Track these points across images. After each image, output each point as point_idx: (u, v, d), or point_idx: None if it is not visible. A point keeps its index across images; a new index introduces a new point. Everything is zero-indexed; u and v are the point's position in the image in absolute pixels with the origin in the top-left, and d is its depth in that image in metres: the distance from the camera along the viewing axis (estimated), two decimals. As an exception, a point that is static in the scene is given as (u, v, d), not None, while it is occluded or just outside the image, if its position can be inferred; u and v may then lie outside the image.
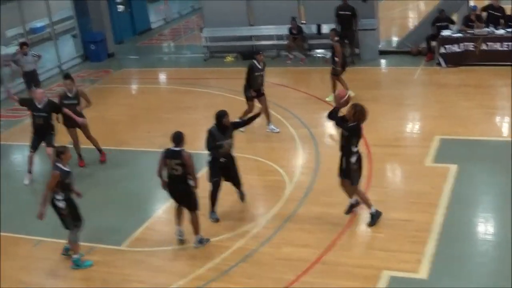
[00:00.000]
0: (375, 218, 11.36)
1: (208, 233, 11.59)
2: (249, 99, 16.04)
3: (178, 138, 10.94)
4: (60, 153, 10.88)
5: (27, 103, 14.91)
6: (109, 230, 12.23)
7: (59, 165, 10.76)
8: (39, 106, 14.45)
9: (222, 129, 11.81)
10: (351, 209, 11.78)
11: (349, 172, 11.24)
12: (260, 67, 15.96)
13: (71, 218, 10.95)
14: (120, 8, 28.64)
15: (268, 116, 16.14)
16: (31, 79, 19.83)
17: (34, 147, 14.85)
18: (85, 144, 15.51)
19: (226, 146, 11.87)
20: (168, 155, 10.96)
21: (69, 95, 15.03)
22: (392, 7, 29.39)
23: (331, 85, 17.44)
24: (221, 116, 11.82)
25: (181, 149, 10.90)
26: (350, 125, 10.96)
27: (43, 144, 14.77)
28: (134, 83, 23.13)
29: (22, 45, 19.92)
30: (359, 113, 10.91)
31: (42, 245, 12.04)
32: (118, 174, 14.75)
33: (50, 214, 12.89)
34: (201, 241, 11.34)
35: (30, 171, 14.98)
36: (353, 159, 11.15)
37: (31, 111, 14.68)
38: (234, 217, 12.21)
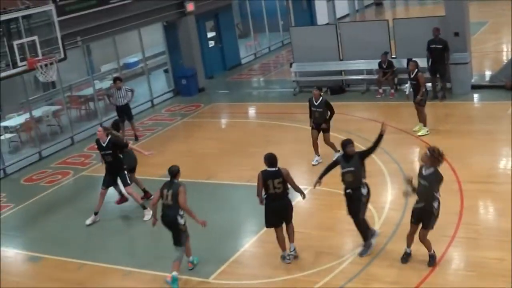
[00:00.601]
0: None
1: (295, 268, 11.57)
2: (311, 129, 16.72)
3: (273, 159, 11.70)
4: (177, 172, 11.61)
5: (97, 144, 14.96)
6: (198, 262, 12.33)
7: (176, 181, 11.44)
8: (103, 145, 14.63)
9: (346, 158, 11.79)
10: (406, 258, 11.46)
11: (430, 218, 10.90)
12: (315, 103, 16.45)
13: (185, 233, 11.55)
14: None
15: (316, 149, 16.79)
16: (124, 113, 20.36)
17: (105, 184, 14.99)
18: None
19: (347, 175, 11.78)
20: (268, 176, 11.50)
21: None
22: (485, 41, 28.84)
23: (418, 115, 17.77)
24: (344, 144, 11.89)
25: (278, 168, 11.48)
26: (429, 173, 10.68)
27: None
28: (223, 117, 23.42)
29: (115, 79, 20.49)
30: (436, 156, 10.63)
31: (130, 276, 12.25)
32: (206, 207, 14.86)
33: (140, 246, 13.20)
34: (295, 249, 11.77)
35: (96, 213, 15.05)
36: (436, 204, 10.85)
37: (99, 151, 14.86)
38: (321, 251, 12.13)
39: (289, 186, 11.59)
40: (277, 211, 11.63)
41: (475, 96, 20.96)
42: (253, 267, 12.17)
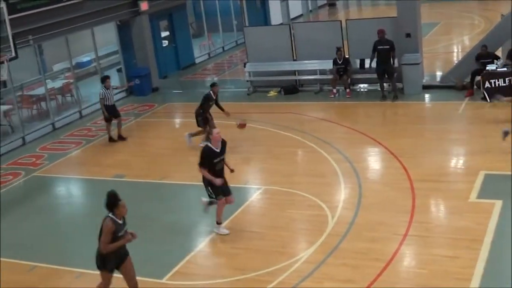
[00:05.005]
0: None
1: (247, 268, 11.57)
2: None
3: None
4: None
5: None
6: (151, 263, 12.25)
7: None
8: None
9: None
10: None
11: None
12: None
13: None
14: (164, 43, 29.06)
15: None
16: (113, 112, 19.86)
17: None
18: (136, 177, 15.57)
19: None
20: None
21: None
22: (436, 42, 29.29)
23: None
24: None
25: None
26: None
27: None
28: (177, 117, 23.34)
29: (105, 78, 19.83)
30: None
31: (83, 277, 12.10)
32: (160, 208, 14.81)
33: (94, 247, 13.03)
34: None
35: None
36: None
37: None
38: (275, 251, 12.14)
39: None
40: None
41: (426, 96, 21.22)
42: (206, 267, 12.14)
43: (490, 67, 19.77)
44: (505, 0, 28.13)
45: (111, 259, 10.14)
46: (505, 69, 19.60)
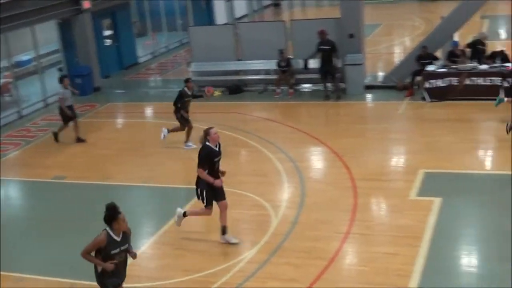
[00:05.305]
0: None
1: (191, 269, 11.52)
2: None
3: None
4: None
5: None
6: (92, 266, 12.08)
7: None
8: None
9: None
10: None
11: None
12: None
13: None
14: (107, 41, 28.75)
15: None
16: (72, 113, 19.42)
17: None
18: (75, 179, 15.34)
19: None
20: None
21: None
22: (378, 42, 29.67)
23: None
24: None
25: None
26: None
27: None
28: (119, 117, 23.10)
29: (63, 78, 19.37)
30: None
31: (24, 282, 11.86)
32: (102, 209, 14.56)
33: (34, 251, 12.82)
34: None
35: None
36: None
37: None
38: (218, 251, 12.13)
39: None
40: None
41: (368, 96, 21.50)
42: (150, 269, 12.02)
43: (429, 68, 20.12)
44: (445, 1, 28.73)
45: (108, 277, 9.50)
46: (444, 69, 19.97)
